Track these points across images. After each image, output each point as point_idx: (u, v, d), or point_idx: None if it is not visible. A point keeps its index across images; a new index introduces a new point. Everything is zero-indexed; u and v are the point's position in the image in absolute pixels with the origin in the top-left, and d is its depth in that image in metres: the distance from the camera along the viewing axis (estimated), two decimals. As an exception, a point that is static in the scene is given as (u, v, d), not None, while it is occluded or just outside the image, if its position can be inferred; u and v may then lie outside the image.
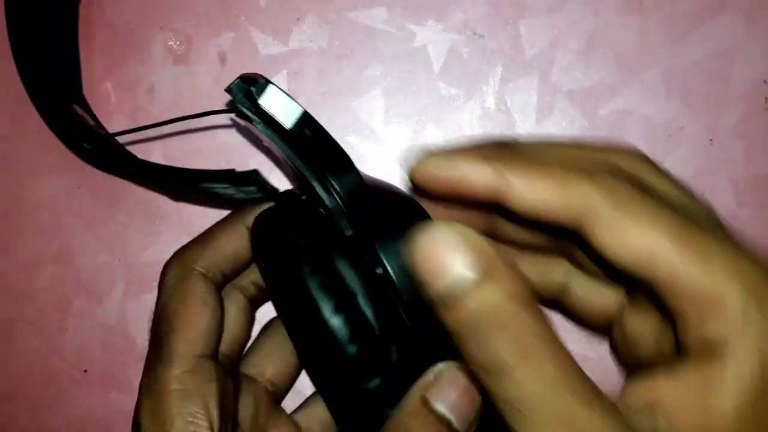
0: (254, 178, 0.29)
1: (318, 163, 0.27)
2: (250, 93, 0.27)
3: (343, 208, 0.26)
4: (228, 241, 0.31)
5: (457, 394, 0.26)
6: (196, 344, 0.29)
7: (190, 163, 0.38)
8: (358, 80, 0.38)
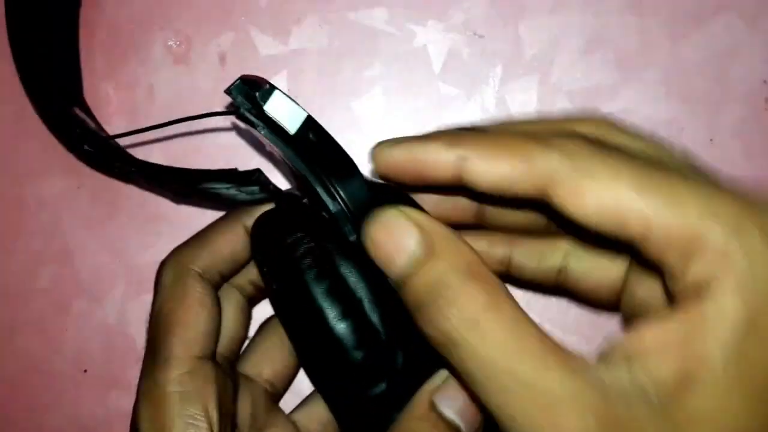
0: (256, 178, 0.29)
1: (322, 167, 0.27)
2: (253, 98, 0.27)
3: (348, 213, 0.26)
4: (225, 241, 0.31)
5: (464, 398, 0.26)
6: (194, 345, 0.29)
7: (191, 165, 0.37)
8: (358, 80, 0.38)
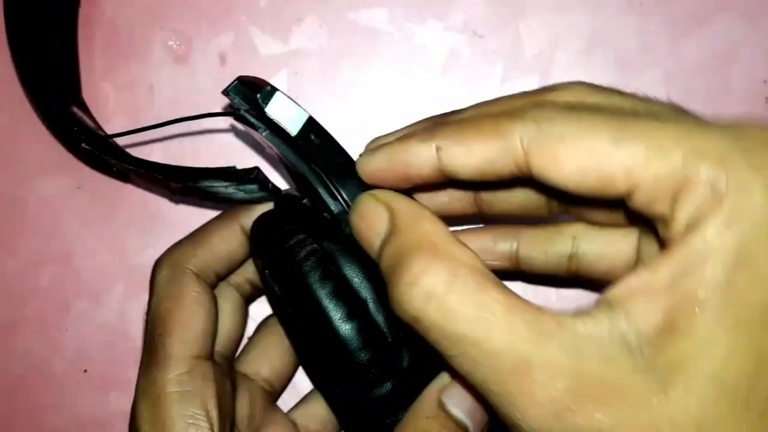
0: (255, 176, 0.29)
1: (323, 168, 0.27)
2: (254, 100, 0.27)
3: (349, 213, 0.26)
4: (222, 241, 0.31)
5: (472, 398, 0.26)
6: (192, 345, 0.29)
7: (189, 165, 0.37)
8: (358, 80, 0.38)
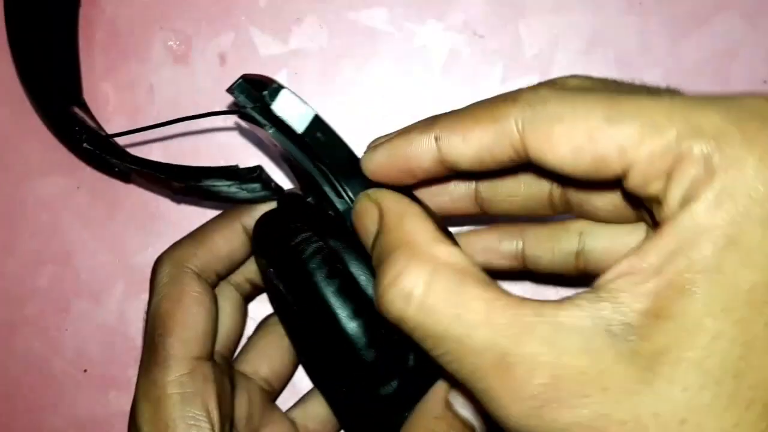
0: (258, 175, 0.29)
1: (329, 166, 0.27)
2: (261, 97, 0.27)
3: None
4: (223, 240, 0.31)
5: None
6: (193, 346, 0.29)
7: (190, 164, 0.37)
8: (358, 80, 0.38)
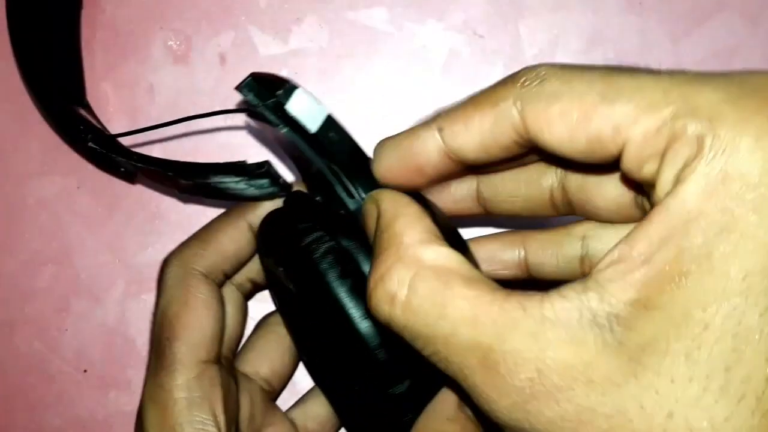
0: (266, 170, 0.29)
1: (341, 165, 0.27)
2: (275, 96, 0.27)
3: None
4: (229, 239, 0.31)
5: None
6: (200, 349, 0.29)
7: (191, 163, 0.37)
8: (358, 80, 0.38)
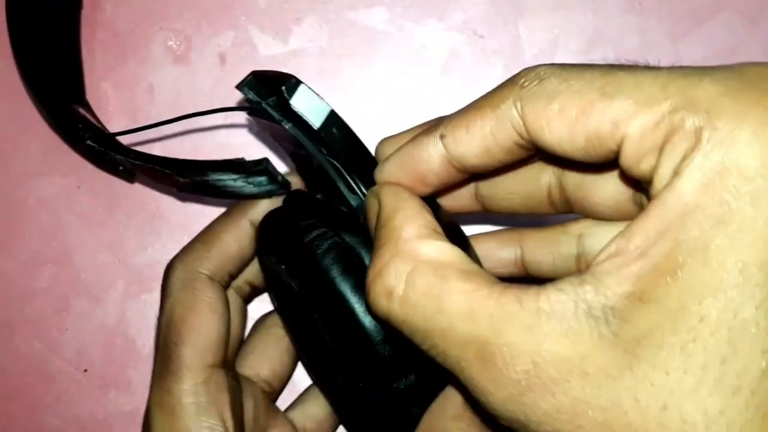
0: (264, 167, 0.29)
1: (343, 161, 0.27)
2: (279, 92, 0.27)
3: None
4: (232, 239, 0.31)
5: None
6: (207, 354, 0.29)
7: (191, 163, 0.37)
8: (358, 80, 0.38)
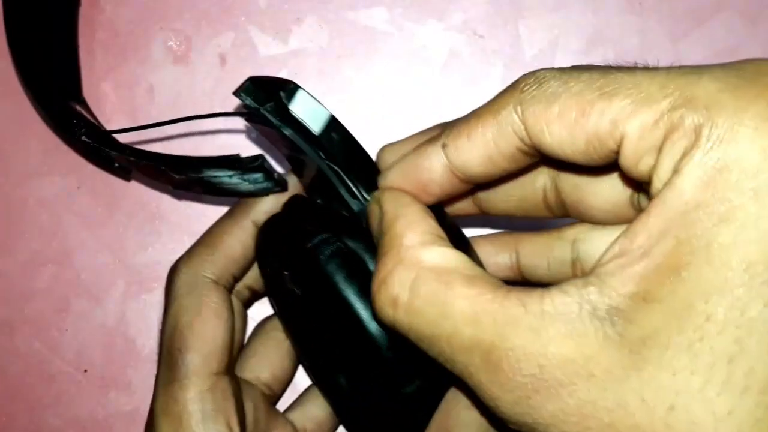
0: (260, 164, 0.29)
1: (344, 166, 0.27)
2: (278, 98, 0.27)
3: None
4: (236, 241, 0.30)
5: None
6: (212, 361, 0.28)
7: (190, 163, 0.37)
8: (358, 80, 0.38)
